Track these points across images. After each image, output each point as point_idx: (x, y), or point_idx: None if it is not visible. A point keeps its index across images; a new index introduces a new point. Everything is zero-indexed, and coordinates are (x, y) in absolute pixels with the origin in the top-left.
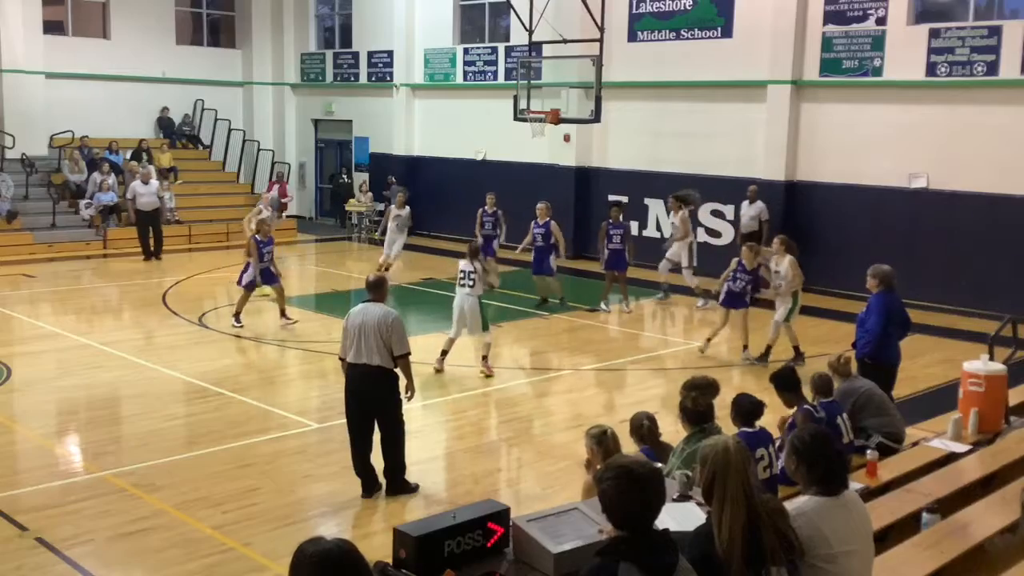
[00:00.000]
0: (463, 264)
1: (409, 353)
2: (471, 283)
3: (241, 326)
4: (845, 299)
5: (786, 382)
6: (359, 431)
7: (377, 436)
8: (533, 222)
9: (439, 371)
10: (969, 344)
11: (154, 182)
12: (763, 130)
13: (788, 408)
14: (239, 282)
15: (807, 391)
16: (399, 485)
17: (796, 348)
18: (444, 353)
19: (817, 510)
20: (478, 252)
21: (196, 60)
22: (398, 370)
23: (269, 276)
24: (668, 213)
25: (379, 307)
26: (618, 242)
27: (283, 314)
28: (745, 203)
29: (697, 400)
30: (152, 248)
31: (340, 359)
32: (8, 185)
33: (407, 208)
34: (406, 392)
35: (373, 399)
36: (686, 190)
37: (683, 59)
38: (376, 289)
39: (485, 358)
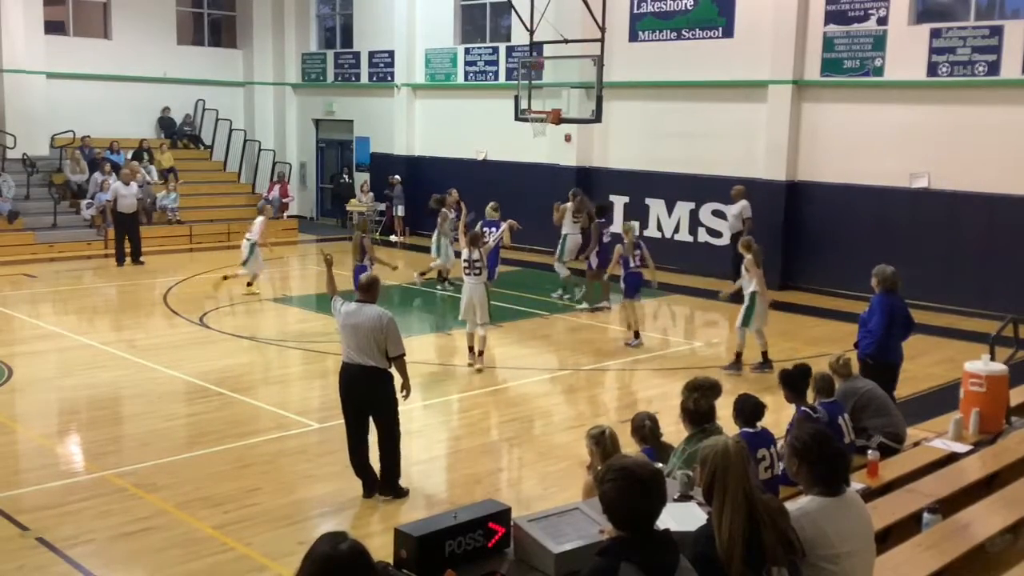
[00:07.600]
0: (465, 253)
1: (404, 354)
2: (476, 271)
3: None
4: (846, 299)
5: (792, 381)
6: (355, 431)
7: (374, 436)
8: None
9: (480, 370)
10: (970, 344)
11: (135, 184)
12: (764, 130)
13: (788, 404)
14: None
15: (809, 392)
16: (391, 488)
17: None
18: (471, 350)
19: (819, 510)
20: (478, 240)
21: (197, 60)
22: (392, 369)
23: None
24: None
25: (372, 308)
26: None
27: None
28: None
29: (698, 401)
30: (129, 253)
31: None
32: (9, 185)
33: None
34: (401, 391)
35: (367, 399)
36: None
37: (684, 59)
38: (368, 290)
39: (480, 353)
